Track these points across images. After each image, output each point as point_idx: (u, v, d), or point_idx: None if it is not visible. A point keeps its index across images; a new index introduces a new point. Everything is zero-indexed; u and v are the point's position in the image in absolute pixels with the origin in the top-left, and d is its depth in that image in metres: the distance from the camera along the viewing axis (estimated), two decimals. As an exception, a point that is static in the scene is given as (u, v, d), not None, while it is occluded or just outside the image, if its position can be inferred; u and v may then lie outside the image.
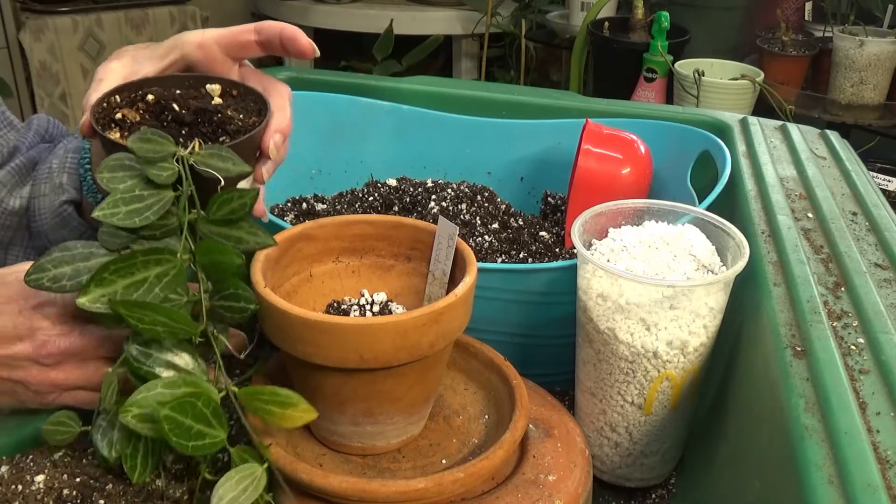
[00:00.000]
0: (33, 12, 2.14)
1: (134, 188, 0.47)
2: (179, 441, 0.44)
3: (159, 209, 0.47)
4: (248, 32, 0.56)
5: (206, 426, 0.45)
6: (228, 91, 0.56)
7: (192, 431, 0.44)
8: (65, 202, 0.69)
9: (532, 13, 2.14)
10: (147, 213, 0.47)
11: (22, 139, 0.72)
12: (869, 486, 0.38)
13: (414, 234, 0.57)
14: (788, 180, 0.73)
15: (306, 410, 0.46)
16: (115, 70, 0.55)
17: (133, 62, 0.56)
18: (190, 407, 0.44)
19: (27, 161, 0.71)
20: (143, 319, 0.45)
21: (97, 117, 0.51)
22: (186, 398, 0.44)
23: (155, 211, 0.47)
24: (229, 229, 0.49)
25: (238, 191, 0.48)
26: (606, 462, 0.62)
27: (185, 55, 0.56)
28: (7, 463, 0.53)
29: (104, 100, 0.52)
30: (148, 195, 0.47)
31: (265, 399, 0.46)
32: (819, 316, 0.51)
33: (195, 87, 0.55)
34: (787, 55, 1.69)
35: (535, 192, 0.89)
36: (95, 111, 0.51)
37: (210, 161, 0.48)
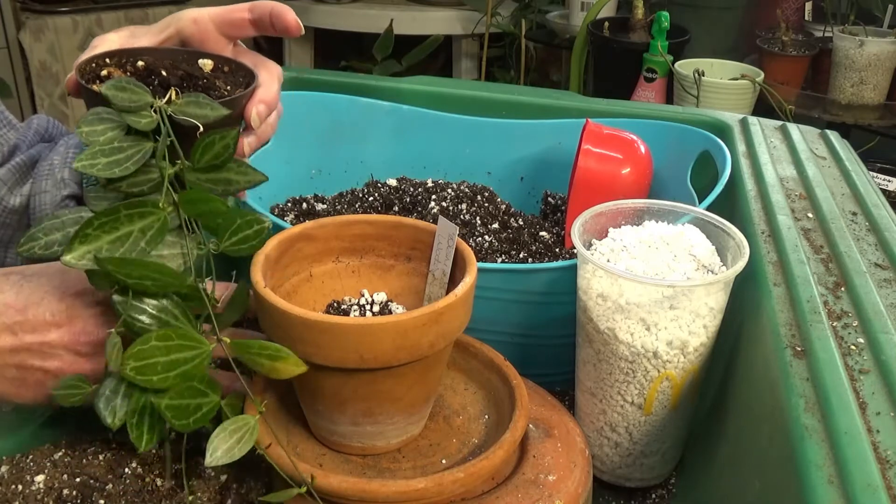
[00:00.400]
0: (33, 12, 2.14)
1: (113, 140, 0.47)
2: (182, 423, 0.45)
3: (140, 159, 0.47)
4: (241, 11, 0.57)
5: (202, 397, 0.46)
6: (220, 67, 0.56)
7: (189, 408, 0.45)
8: (67, 196, 0.69)
9: (532, 13, 2.14)
10: (127, 164, 0.46)
11: (22, 138, 0.72)
12: (869, 486, 0.38)
13: (414, 234, 0.57)
14: (788, 180, 0.73)
15: (296, 364, 0.47)
16: (112, 40, 0.56)
17: (131, 36, 0.57)
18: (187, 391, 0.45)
19: (27, 159, 0.71)
20: (130, 275, 0.45)
21: (83, 72, 0.51)
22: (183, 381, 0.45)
23: (135, 161, 0.46)
24: (217, 173, 0.49)
25: (219, 132, 0.48)
26: (606, 462, 0.62)
27: (180, 30, 0.57)
28: (7, 463, 0.53)
29: (94, 60, 0.52)
30: (128, 146, 0.47)
31: (255, 352, 0.47)
32: (819, 316, 0.51)
33: (188, 61, 0.56)
34: (787, 55, 1.69)
35: (535, 192, 0.89)
36: (82, 67, 0.51)
37: (187, 109, 0.48)
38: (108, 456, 0.54)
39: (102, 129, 0.47)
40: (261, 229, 0.50)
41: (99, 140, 0.46)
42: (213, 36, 0.57)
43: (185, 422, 0.45)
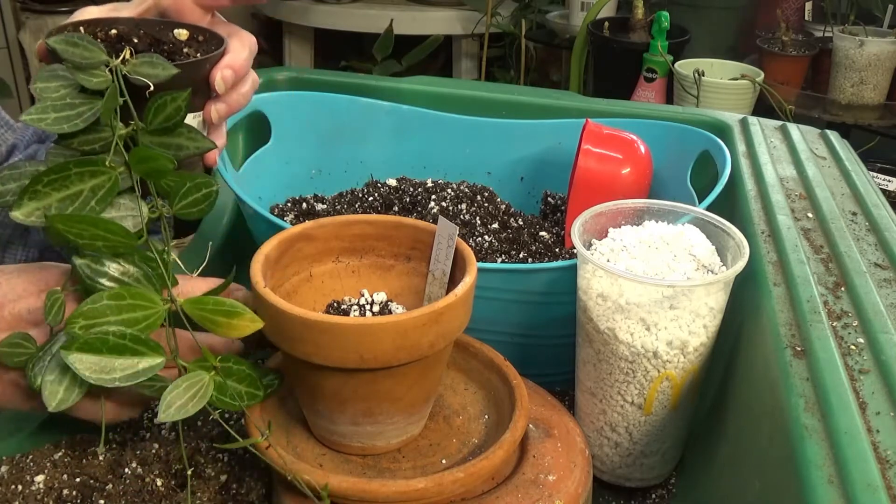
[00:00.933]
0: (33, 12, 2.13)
1: (65, 97, 0.46)
2: (99, 378, 0.44)
3: (90, 116, 0.46)
4: None
5: (134, 356, 0.45)
6: (195, 37, 0.57)
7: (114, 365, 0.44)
8: None
9: (532, 13, 2.14)
10: (77, 121, 0.46)
11: (20, 138, 0.73)
12: (869, 486, 0.38)
13: (414, 234, 0.57)
14: (788, 180, 0.73)
15: (252, 320, 0.47)
16: (91, 11, 0.57)
17: (112, 9, 0.58)
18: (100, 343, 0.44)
19: (25, 159, 0.71)
20: (82, 234, 0.45)
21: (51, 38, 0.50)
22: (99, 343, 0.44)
23: (85, 118, 0.46)
24: (168, 137, 0.49)
25: (170, 94, 0.48)
26: (606, 462, 0.62)
27: (158, 2, 0.58)
28: (7, 463, 0.53)
29: (66, 27, 0.52)
30: (80, 103, 0.46)
31: (210, 309, 0.46)
32: (819, 316, 0.51)
33: (163, 31, 0.56)
34: (787, 55, 1.68)
35: (535, 192, 0.89)
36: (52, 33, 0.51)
37: (140, 69, 0.48)
38: (108, 456, 0.54)
39: (56, 85, 0.47)
40: (209, 192, 0.50)
41: (51, 96, 0.46)
42: (188, 7, 0.57)
43: (106, 377, 0.44)
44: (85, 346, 0.44)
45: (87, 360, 0.44)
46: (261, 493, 0.53)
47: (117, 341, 0.44)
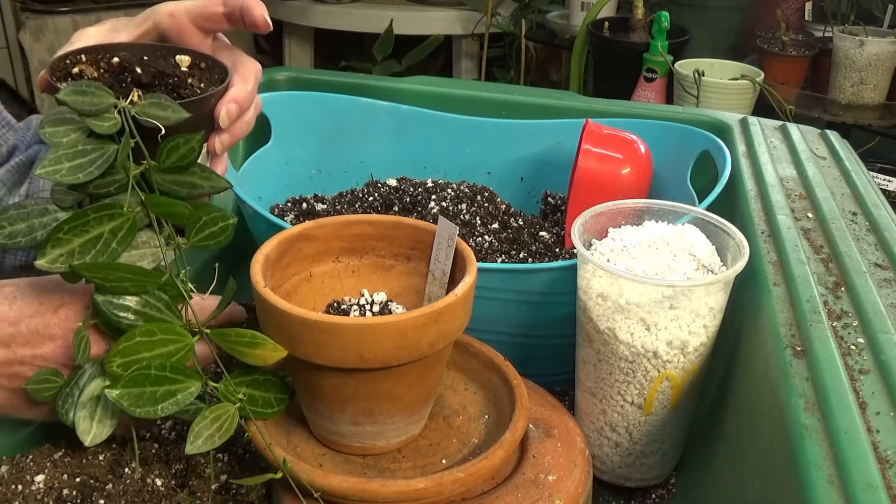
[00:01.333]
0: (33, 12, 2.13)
1: (77, 143, 0.46)
2: (144, 410, 0.45)
3: (103, 163, 0.47)
4: (216, 4, 0.56)
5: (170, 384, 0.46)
6: (197, 63, 0.56)
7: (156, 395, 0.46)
8: None
9: (532, 13, 2.14)
10: (91, 168, 0.46)
11: (21, 139, 0.72)
12: (869, 486, 0.38)
13: (414, 234, 0.57)
14: (788, 180, 0.73)
15: (274, 349, 0.48)
16: (91, 34, 0.56)
17: (111, 30, 0.57)
18: (146, 378, 0.46)
19: (26, 160, 0.71)
20: (108, 278, 0.46)
21: (54, 70, 0.50)
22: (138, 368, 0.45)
23: (98, 165, 0.46)
24: (182, 176, 0.50)
25: (184, 136, 0.48)
26: (606, 462, 0.62)
27: (157, 23, 0.57)
28: (7, 463, 0.53)
29: (67, 56, 0.52)
30: (91, 149, 0.47)
31: (233, 339, 0.48)
32: (819, 316, 0.51)
33: (165, 57, 0.56)
34: (787, 55, 1.68)
35: (535, 192, 0.89)
36: (54, 64, 0.51)
37: (149, 110, 0.48)
38: (108, 456, 0.54)
39: (65, 129, 0.47)
40: (225, 226, 0.51)
41: (62, 142, 0.46)
42: (188, 29, 0.57)
43: (150, 409, 0.46)
44: (129, 382, 0.45)
45: (131, 396, 0.45)
46: (261, 493, 0.53)
47: (158, 374, 0.46)
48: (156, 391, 0.46)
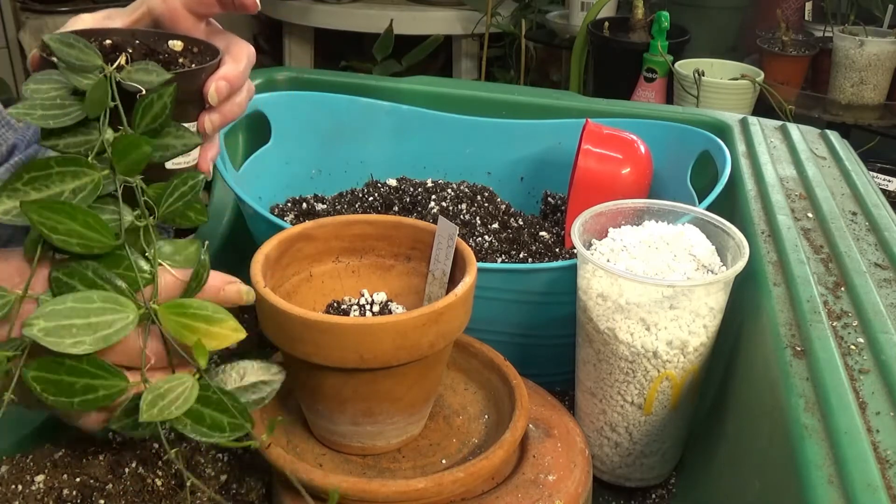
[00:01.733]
0: (33, 12, 2.13)
1: (56, 97, 0.46)
2: (60, 400, 0.41)
3: (77, 115, 0.46)
4: None
5: (94, 378, 0.42)
6: (190, 48, 0.56)
7: (74, 387, 0.42)
8: None
9: (532, 13, 2.14)
10: (64, 119, 0.45)
11: (21, 138, 0.73)
12: (869, 486, 0.38)
13: (414, 234, 0.57)
14: (788, 180, 0.73)
15: (235, 329, 0.44)
16: (84, 19, 0.57)
17: (106, 17, 0.58)
18: (58, 364, 0.41)
19: (25, 159, 0.71)
20: (56, 228, 0.42)
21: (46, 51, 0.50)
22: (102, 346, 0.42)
23: (73, 117, 0.45)
24: (157, 139, 0.48)
25: (157, 91, 0.47)
26: (606, 462, 0.62)
27: (151, 9, 0.58)
28: (7, 463, 0.53)
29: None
30: (69, 104, 0.46)
31: (191, 313, 0.44)
32: (819, 316, 0.51)
33: (158, 42, 0.56)
34: (787, 55, 1.68)
35: (535, 192, 0.89)
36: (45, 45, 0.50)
37: (134, 75, 0.48)
38: (108, 456, 0.54)
39: (48, 87, 0.46)
40: (195, 183, 0.49)
41: (42, 97, 0.45)
42: (181, 14, 0.57)
43: (66, 400, 0.42)
44: (43, 366, 0.42)
45: (46, 381, 0.42)
46: (261, 493, 0.53)
47: (74, 364, 0.42)
48: (74, 383, 0.42)
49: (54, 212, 0.42)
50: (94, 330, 0.42)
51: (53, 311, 0.41)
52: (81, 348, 0.41)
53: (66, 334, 0.41)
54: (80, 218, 0.43)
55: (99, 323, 0.42)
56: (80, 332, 0.41)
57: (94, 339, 0.42)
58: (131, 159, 0.46)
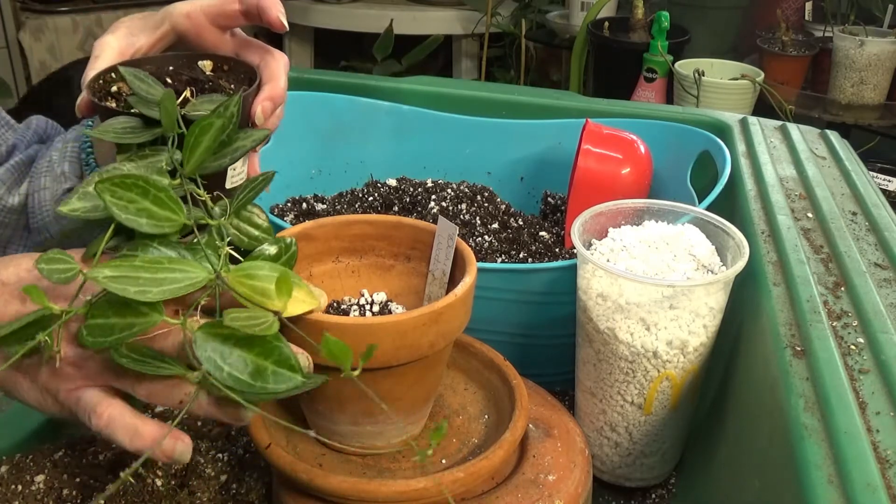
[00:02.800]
0: (33, 12, 2.14)
1: (126, 124, 0.48)
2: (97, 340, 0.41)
3: (149, 135, 0.48)
4: (232, 2, 0.57)
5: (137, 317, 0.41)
6: (220, 66, 0.57)
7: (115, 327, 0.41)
8: (67, 190, 0.69)
9: (532, 13, 2.14)
10: (138, 136, 0.47)
11: (20, 138, 0.72)
12: (869, 486, 0.38)
13: (414, 234, 0.57)
14: (788, 180, 0.73)
15: (309, 294, 0.44)
16: (111, 44, 0.56)
17: (128, 35, 0.57)
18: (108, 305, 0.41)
19: (25, 159, 0.71)
20: (128, 207, 0.42)
21: (94, 91, 0.52)
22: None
23: (145, 136, 0.47)
24: (228, 146, 0.50)
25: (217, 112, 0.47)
26: (606, 462, 0.62)
27: (174, 25, 0.57)
28: (7, 463, 0.53)
29: (100, 76, 0.54)
30: (140, 129, 0.48)
31: (263, 276, 0.42)
32: (819, 316, 0.51)
33: (188, 64, 0.57)
34: (787, 55, 1.68)
35: (535, 192, 0.89)
36: (92, 86, 0.52)
37: (200, 106, 0.49)
38: (108, 456, 0.54)
39: (116, 123, 0.48)
40: (266, 177, 0.50)
41: (114, 126, 0.48)
42: (207, 28, 0.57)
43: (102, 339, 0.41)
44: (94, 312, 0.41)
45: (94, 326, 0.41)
46: (261, 493, 0.53)
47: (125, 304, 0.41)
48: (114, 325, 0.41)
49: (127, 188, 0.43)
50: (161, 284, 0.41)
51: (121, 265, 0.41)
52: (146, 296, 0.41)
53: (132, 283, 0.40)
54: (153, 193, 0.43)
55: (166, 278, 0.42)
56: (146, 284, 0.41)
57: (160, 290, 0.41)
58: (200, 143, 0.46)
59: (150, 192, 0.43)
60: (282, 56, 0.58)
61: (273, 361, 0.42)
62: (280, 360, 0.42)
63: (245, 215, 0.50)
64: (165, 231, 0.44)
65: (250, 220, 0.50)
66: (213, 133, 0.47)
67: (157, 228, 0.44)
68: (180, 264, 0.42)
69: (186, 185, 0.46)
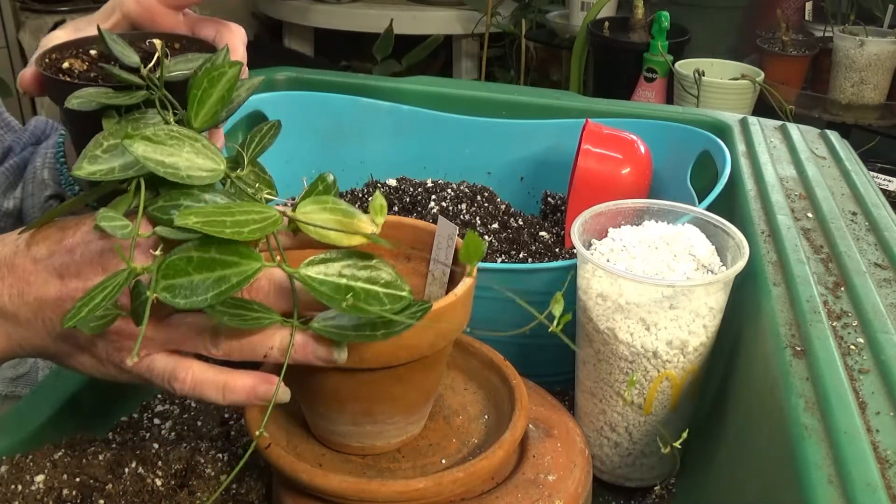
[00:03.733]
0: (33, 12, 2.13)
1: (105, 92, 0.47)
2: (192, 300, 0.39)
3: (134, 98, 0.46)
4: None
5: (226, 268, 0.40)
6: (170, 45, 0.56)
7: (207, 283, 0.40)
8: (50, 197, 0.69)
9: (532, 13, 2.14)
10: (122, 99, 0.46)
11: (17, 140, 0.72)
12: (869, 486, 0.38)
13: (414, 234, 0.57)
14: (788, 180, 0.73)
15: (371, 221, 0.43)
16: (59, 37, 0.55)
17: (75, 29, 0.56)
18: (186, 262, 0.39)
19: (20, 162, 0.71)
20: (164, 161, 0.41)
21: (44, 67, 0.50)
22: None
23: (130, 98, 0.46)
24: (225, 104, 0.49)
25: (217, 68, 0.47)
26: (606, 462, 0.62)
27: (126, 14, 0.56)
28: (7, 463, 0.53)
29: (47, 54, 0.52)
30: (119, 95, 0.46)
31: (329, 208, 0.43)
32: (819, 316, 0.51)
33: (136, 44, 0.55)
34: (787, 55, 1.68)
35: (535, 192, 0.89)
36: (41, 62, 0.51)
37: (177, 67, 0.48)
38: (108, 456, 0.54)
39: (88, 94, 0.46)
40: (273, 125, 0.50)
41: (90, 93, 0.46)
42: (159, 11, 0.56)
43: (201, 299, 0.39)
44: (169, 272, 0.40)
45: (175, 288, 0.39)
46: (261, 493, 0.53)
47: (202, 257, 0.40)
48: (205, 279, 0.40)
49: (158, 143, 0.41)
50: (247, 224, 0.40)
51: (200, 211, 0.40)
52: (242, 235, 0.40)
53: (220, 225, 0.40)
54: (188, 142, 0.42)
55: (248, 220, 0.41)
56: (234, 224, 0.40)
57: (251, 229, 0.40)
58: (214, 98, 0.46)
59: (185, 141, 0.42)
60: (238, 28, 0.57)
61: (383, 284, 0.42)
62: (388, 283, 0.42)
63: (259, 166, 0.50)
64: (207, 182, 0.43)
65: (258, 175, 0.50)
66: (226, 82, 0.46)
67: (199, 180, 0.42)
68: (250, 206, 0.42)
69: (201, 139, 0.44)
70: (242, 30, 0.58)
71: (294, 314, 0.43)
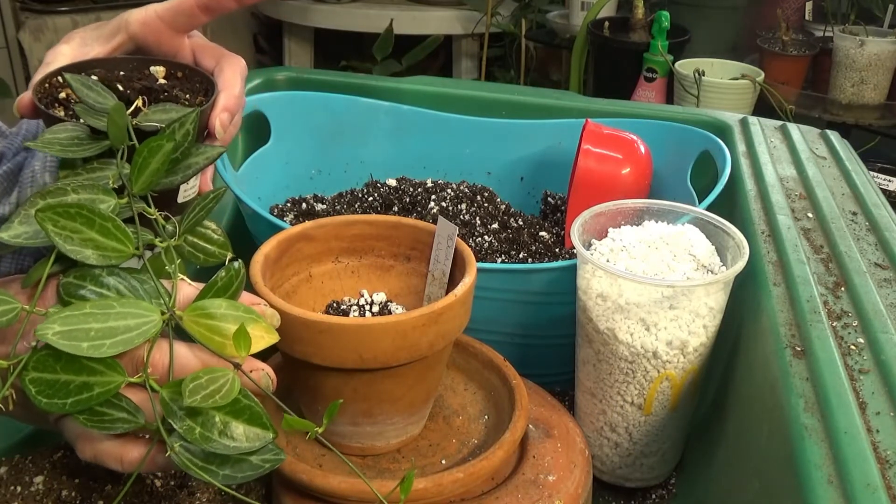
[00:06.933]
0: (33, 12, 2.13)
1: (74, 137, 0.45)
2: (51, 402, 0.38)
3: (98, 148, 0.45)
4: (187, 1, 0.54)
5: (91, 375, 0.39)
6: (173, 73, 0.55)
7: (70, 386, 0.39)
8: None
9: (532, 13, 2.13)
10: (85, 150, 0.44)
11: (9, 145, 0.72)
12: (868, 486, 0.38)
13: (414, 234, 0.57)
14: (788, 180, 0.73)
15: (267, 331, 0.41)
16: (64, 53, 0.55)
17: (82, 44, 0.55)
18: (55, 359, 0.38)
19: (14, 167, 0.70)
20: (72, 238, 0.41)
21: (40, 96, 0.50)
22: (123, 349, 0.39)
23: (93, 149, 0.45)
24: (182, 161, 0.47)
25: (178, 121, 0.46)
26: (606, 462, 0.62)
27: (131, 35, 0.55)
28: (6, 464, 0.53)
29: (47, 80, 0.51)
30: (88, 141, 0.45)
31: (220, 315, 0.41)
32: (819, 316, 0.51)
33: (140, 69, 0.54)
34: (787, 55, 1.68)
35: (535, 192, 0.89)
36: (38, 90, 0.50)
37: (153, 116, 0.47)
38: (107, 456, 0.54)
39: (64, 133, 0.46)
40: (217, 194, 0.47)
41: (59, 137, 0.45)
42: (165, 33, 0.55)
43: (60, 402, 0.38)
44: (39, 364, 0.39)
45: (41, 382, 0.39)
46: (261, 493, 0.53)
47: (71, 359, 0.39)
48: (69, 381, 0.39)
49: (70, 218, 0.41)
50: (114, 334, 0.39)
51: (70, 316, 0.39)
52: (100, 351, 0.39)
53: (83, 337, 0.39)
54: (98, 223, 0.41)
55: (119, 327, 0.40)
56: (98, 336, 0.39)
57: (113, 342, 0.39)
58: (149, 164, 0.45)
59: (95, 221, 0.41)
60: (238, 60, 0.56)
61: (245, 420, 0.41)
62: (251, 418, 0.41)
63: (200, 231, 0.48)
64: (113, 262, 0.42)
65: (205, 237, 0.48)
66: (161, 156, 0.44)
67: (105, 260, 0.42)
68: (132, 306, 0.40)
69: (135, 203, 0.44)
70: (243, 62, 0.57)
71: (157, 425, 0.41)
